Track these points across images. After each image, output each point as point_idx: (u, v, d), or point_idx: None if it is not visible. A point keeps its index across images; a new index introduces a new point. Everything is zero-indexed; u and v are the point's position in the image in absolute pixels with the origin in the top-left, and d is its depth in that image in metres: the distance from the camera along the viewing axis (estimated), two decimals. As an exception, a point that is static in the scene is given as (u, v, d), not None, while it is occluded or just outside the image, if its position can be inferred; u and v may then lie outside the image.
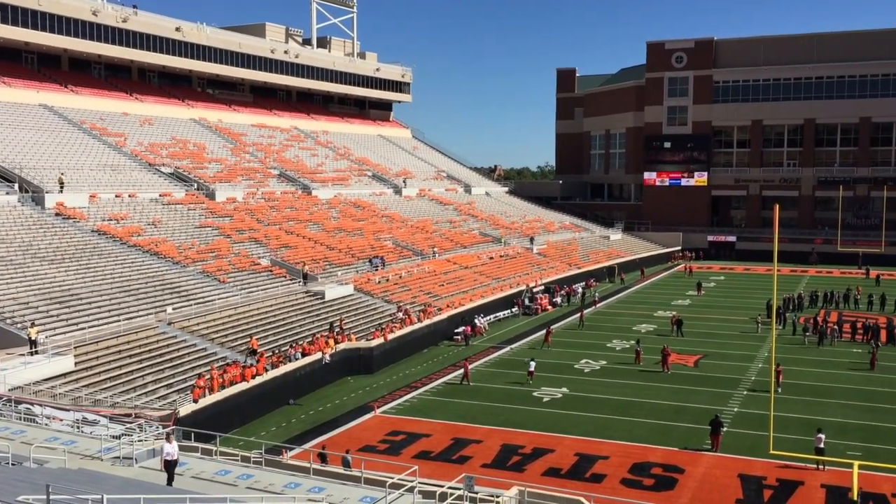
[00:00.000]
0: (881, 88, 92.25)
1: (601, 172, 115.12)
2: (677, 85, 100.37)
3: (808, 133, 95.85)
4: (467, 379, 38.24)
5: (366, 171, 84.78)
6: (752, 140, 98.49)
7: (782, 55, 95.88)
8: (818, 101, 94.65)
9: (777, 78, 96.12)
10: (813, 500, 24.50)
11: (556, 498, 19.42)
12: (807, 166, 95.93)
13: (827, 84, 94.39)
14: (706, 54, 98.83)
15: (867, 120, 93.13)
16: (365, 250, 59.44)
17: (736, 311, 58.13)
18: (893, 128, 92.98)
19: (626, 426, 31.66)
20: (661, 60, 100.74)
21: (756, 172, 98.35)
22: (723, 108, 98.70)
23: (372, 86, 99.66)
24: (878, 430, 31.05)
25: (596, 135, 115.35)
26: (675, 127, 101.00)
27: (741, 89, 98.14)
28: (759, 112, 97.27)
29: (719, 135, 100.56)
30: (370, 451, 28.47)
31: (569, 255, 78.03)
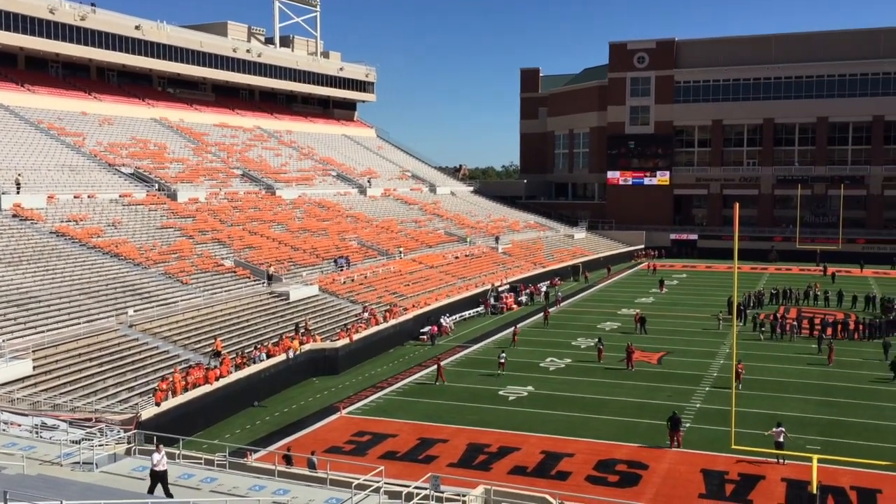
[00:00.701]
0: (837, 89, 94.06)
1: (565, 172, 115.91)
2: (639, 85, 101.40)
3: (767, 133, 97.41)
4: (441, 378, 38.19)
5: (330, 170, 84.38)
6: (713, 139, 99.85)
7: (742, 56, 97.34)
8: (777, 102, 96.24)
9: (737, 78, 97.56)
10: (774, 493, 24.90)
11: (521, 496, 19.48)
12: (766, 165, 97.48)
13: (785, 84, 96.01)
14: (667, 55, 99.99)
15: (824, 120, 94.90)
16: (330, 250, 59.16)
17: (698, 308, 58.87)
18: (850, 127, 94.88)
19: (592, 424, 31.90)
20: (624, 61, 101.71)
21: (717, 171, 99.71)
22: (684, 108, 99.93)
23: (336, 85, 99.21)
24: (837, 423, 31.67)
25: (560, 134, 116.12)
26: (637, 126, 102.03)
27: (702, 89, 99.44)
28: (719, 112, 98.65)
29: (681, 134, 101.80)
30: (336, 452, 28.35)
31: (534, 254, 78.42)
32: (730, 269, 77.66)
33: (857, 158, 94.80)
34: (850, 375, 39.37)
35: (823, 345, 44.28)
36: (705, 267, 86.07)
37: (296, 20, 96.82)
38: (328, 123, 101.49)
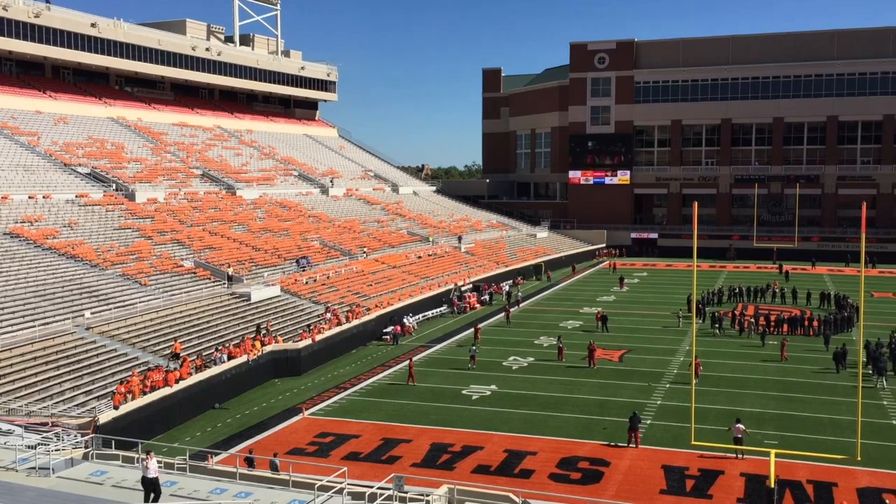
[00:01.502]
0: (793, 89, 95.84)
1: (527, 171, 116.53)
2: (600, 85, 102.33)
3: (724, 132, 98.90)
4: (412, 379, 38.04)
5: (292, 170, 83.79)
6: (672, 139, 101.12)
7: (700, 57, 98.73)
8: (734, 102, 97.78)
9: (695, 79, 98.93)
10: (733, 488, 25.28)
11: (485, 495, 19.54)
12: (724, 165, 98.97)
13: (742, 85, 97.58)
14: (627, 55, 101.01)
15: (780, 120, 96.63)
16: (291, 251, 58.74)
17: (658, 306, 59.55)
18: (805, 128, 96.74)
19: (554, 422, 32.09)
20: (584, 61, 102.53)
21: (676, 171, 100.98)
22: (644, 108, 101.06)
23: (297, 84, 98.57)
24: (793, 418, 32.25)
25: (522, 134, 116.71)
26: (598, 126, 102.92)
27: (661, 90, 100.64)
28: (678, 112, 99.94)
29: (641, 134, 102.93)
30: (299, 454, 28.17)
31: (496, 254, 78.69)
32: (689, 268, 78.75)
33: (812, 158, 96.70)
34: (805, 371, 40.12)
35: (768, 339, 45.74)
36: (665, 265, 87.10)
37: (256, 19, 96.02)
38: (289, 123, 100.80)
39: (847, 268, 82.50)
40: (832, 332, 47.24)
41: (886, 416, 32.36)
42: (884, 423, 31.48)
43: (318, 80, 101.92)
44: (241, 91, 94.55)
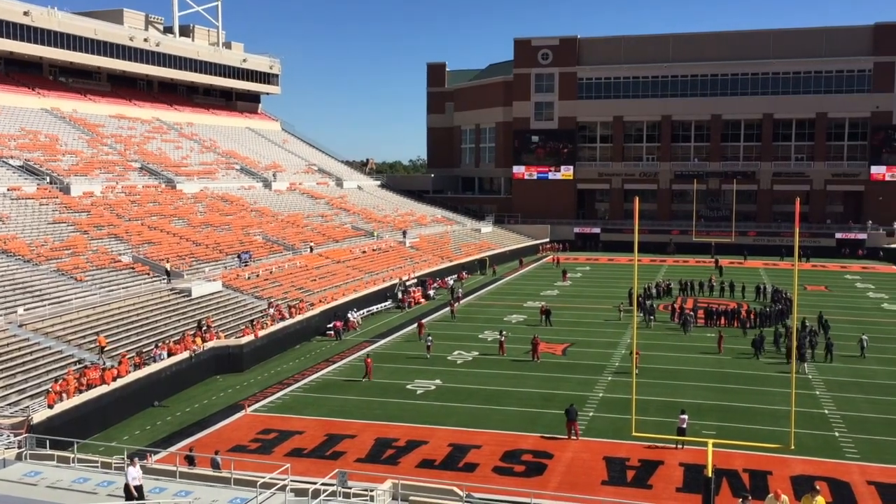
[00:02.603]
0: (730, 87, 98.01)
1: (472, 166, 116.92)
2: (543, 81, 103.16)
3: (665, 129, 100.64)
4: (369, 376, 37.73)
5: (233, 164, 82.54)
6: (615, 135, 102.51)
7: (641, 54, 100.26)
8: (674, 99, 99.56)
9: (636, 76, 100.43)
10: (672, 478, 25.79)
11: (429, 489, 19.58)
12: (664, 161, 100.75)
13: (682, 83, 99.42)
14: (570, 52, 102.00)
15: (718, 117, 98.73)
16: (233, 246, 57.91)
17: (601, 299, 60.34)
18: (742, 125, 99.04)
19: (498, 415, 32.30)
20: (528, 57, 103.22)
21: (618, 167, 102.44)
22: (587, 105, 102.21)
23: (239, 77, 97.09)
24: (730, 409, 33.03)
25: (466, 129, 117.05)
26: (542, 122, 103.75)
27: (603, 86, 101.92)
28: (620, 108, 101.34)
29: (584, 130, 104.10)
30: (241, 451, 27.82)
31: (441, 249, 78.78)
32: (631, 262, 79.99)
33: (748, 155, 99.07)
34: (742, 363, 41.12)
35: (706, 332, 47.32)
36: (608, 260, 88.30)
37: (196, 9, 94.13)
38: (231, 116, 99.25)
39: (781, 262, 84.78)
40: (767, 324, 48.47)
41: (819, 406, 33.37)
42: (816, 412, 32.46)
43: (260, 73, 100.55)
44: (181, 83, 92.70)
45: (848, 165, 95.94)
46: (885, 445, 28.56)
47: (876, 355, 42.51)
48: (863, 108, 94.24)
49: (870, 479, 25.48)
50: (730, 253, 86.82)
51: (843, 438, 29.29)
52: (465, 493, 19.38)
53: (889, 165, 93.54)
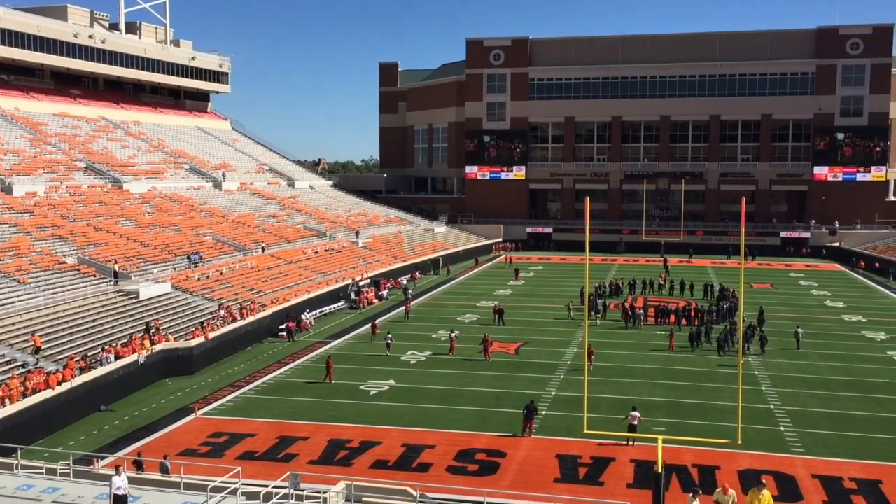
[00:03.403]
0: (678, 89, 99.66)
1: (425, 166, 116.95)
2: (496, 81, 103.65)
3: (615, 130, 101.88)
4: (329, 377, 37.33)
5: (182, 163, 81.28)
6: (566, 136, 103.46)
7: (591, 56, 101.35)
8: (624, 100, 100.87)
9: (587, 77, 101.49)
10: (623, 474, 26.12)
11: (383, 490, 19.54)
12: (615, 161, 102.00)
13: (631, 84, 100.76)
14: (522, 53, 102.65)
15: (667, 118, 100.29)
16: (183, 246, 57.02)
17: (553, 298, 60.82)
18: (690, 126, 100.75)
19: (452, 415, 32.35)
20: (480, 57, 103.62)
21: (569, 167, 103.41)
22: (538, 105, 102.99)
23: (187, 75, 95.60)
24: (680, 405, 33.58)
25: (419, 129, 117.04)
26: (494, 122, 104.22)
27: (555, 87, 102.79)
28: (571, 109, 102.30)
29: (536, 130, 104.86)
30: (191, 455, 27.40)
31: (394, 249, 78.63)
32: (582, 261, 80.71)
33: (696, 155, 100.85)
34: (691, 360, 41.84)
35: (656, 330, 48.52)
36: (560, 259, 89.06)
37: (143, 6, 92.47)
38: (180, 115, 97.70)
39: (729, 260, 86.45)
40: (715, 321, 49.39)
41: (765, 401, 34.11)
42: (762, 407, 33.17)
43: (209, 71, 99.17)
44: (128, 81, 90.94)
45: (792, 166, 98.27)
46: (829, 439, 29.31)
47: (819, 351, 43.65)
48: (806, 110, 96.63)
49: (814, 472, 26.12)
50: (678, 252, 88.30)
51: (788, 433, 29.98)
52: (419, 494, 19.38)
53: (831, 166, 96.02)
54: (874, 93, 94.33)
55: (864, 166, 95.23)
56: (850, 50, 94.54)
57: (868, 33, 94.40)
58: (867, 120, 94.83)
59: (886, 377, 38.19)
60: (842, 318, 53.79)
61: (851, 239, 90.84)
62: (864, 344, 45.93)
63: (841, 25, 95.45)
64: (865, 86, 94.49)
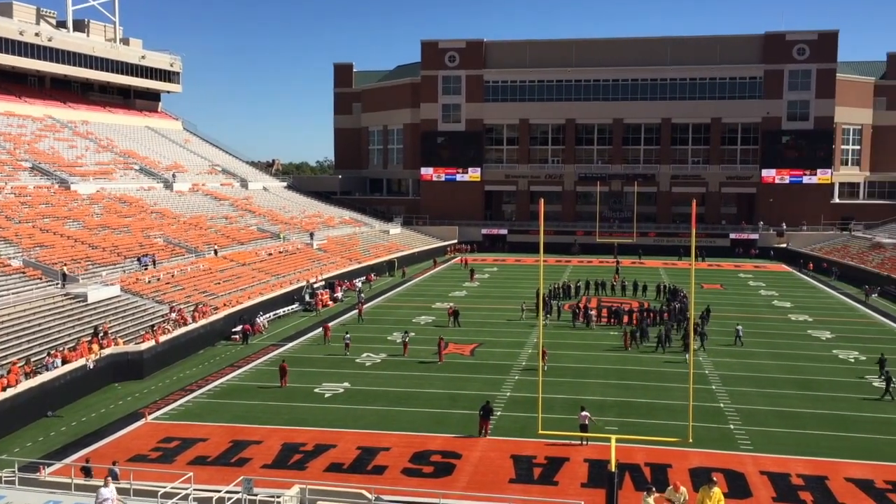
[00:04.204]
0: (631, 92, 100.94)
1: (380, 167, 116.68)
2: (451, 83, 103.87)
3: (569, 132, 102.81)
4: (284, 382, 36.84)
5: (132, 164, 79.87)
6: (521, 138, 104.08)
7: (546, 59, 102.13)
8: (577, 103, 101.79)
9: (541, 80, 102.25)
10: (577, 474, 26.35)
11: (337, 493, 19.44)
12: (569, 163, 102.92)
13: (584, 87, 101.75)
14: (477, 55, 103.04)
15: (619, 121, 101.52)
16: (133, 248, 56.03)
17: (508, 300, 61.10)
18: (642, 129, 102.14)
19: (407, 417, 32.30)
20: (435, 59, 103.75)
21: (524, 168, 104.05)
22: (493, 107, 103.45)
23: (137, 74, 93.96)
24: (632, 405, 34.00)
25: (374, 130, 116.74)
26: (449, 124, 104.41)
27: (509, 89, 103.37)
28: (525, 111, 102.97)
29: (491, 132, 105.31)
30: (141, 461, 26.92)
31: (349, 250, 78.27)
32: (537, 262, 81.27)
33: (648, 158, 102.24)
34: (643, 360, 42.40)
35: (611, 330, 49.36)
36: (514, 260, 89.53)
37: (91, 3, 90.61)
38: (129, 114, 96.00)
39: (680, 261, 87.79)
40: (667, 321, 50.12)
41: (715, 400, 34.70)
42: (713, 406, 33.74)
43: (160, 71, 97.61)
44: (76, 80, 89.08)
45: (741, 169, 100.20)
46: (777, 436, 29.93)
47: (767, 350, 44.58)
48: (754, 114, 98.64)
49: (762, 469, 26.65)
50: (632, 253, 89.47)
51: (737, 431, 30.55)
52: (374, 496, 19.33)
53: (778, 169, 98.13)
54: (819, 97, 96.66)
55: (810, 169, 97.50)
56: (797, 55, 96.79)
57: (814, 39, 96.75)
58: (813, 124, 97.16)
59: (832, 375, 39.15)
60: (789, 318, 55.01)
61: (798, 240, 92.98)
62: (810, 343, 47.03)
63: (788, 31, 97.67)
64: (811, 90, 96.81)
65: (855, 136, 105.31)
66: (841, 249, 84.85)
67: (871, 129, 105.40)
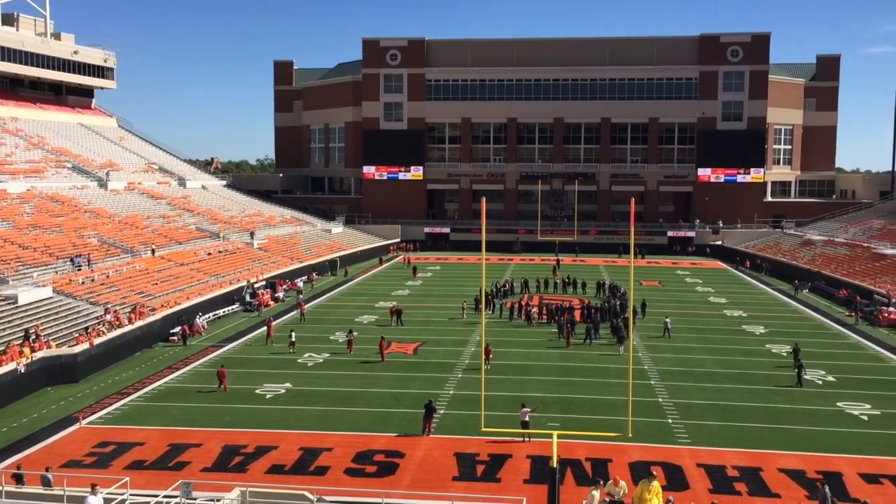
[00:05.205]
0: (571, 92, 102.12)
1: (321, 166, 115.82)
2: (392, 82, 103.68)
3: (510, 131, 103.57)
4: (223, 386, 36.13)
5: (65, 162, 77.69)
6: (463, 137, 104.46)
7: (487, 58, 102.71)
8: (518, 102, 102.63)
9: (483, 79, 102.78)
10: (519, 470, 26.55)
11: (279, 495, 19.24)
12: (510, 162, 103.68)
13: (525, 86, 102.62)
14: (419, 53, 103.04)
15: (560, 120, 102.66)
16: (66, 249, 54.51)
17: (451, 298, 61.24)
18: (582, 128, 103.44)
19: (349, 417, 32.12)
20: (377, 57, 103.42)
21: (466, 167, 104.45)
22: (435, 106, 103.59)
23: (69, 70, 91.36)
24: (573, 401, 34.39)
25: (315, 128, 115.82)
26: (391, 122, 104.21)
27: (451, 88, 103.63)
28: (467, 110, 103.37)
29: (433, 131, 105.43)
30: (75, 467, 26.21)
31: (291, 250, 77.48)
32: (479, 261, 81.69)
33: (588, 157, 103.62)
34: (584, 356, 42.94)
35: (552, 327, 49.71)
36: (457, 259, 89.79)
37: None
38: (61, 111, 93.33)
39: (620, 259, 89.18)
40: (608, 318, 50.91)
41: (654, 395, 35.34)
42: (651, 401, 34.36)
43: (93, 66, 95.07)
44: (4, 75, 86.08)
45: (678, 168, 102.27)
46: (713, 429, 30.63)
47: (704, 345, 45.59)
48: (690, 114, 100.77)
49: (699, 461, 27.23)
50: (569, 251, 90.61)
51: (675, 425, 31.16)
52: (317, 497, 19.18)
53: (714, 168, 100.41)
54: (753, 98, 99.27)
55: (743, 168, 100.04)
56: (731, 57, 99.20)
57: (747, 41, 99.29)
58: (746, 124, 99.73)
59: (765, 369, 40.23)
60: (725, 314, 56.35)
61: (733, 238, 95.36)
62: (745, 338, 48.26)
63: (722, 33, 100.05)
64: (745, 91, 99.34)
65: (786, 136, 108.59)
66: (773, 246, 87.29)
67: (802, 130, 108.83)
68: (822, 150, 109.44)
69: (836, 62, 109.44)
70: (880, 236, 77.85)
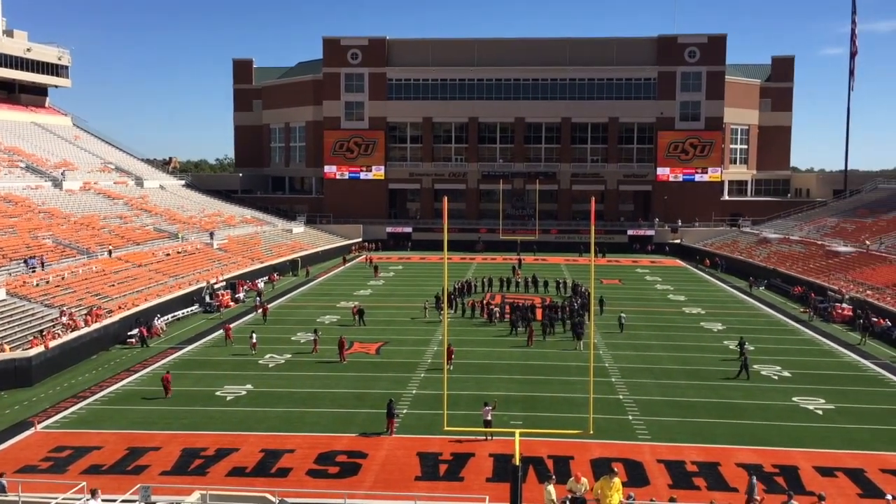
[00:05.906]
0: (532, 92, 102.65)
1: (282, 165, 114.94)
2: (353, 81, 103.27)
3: (472, 130, 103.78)
4: (168, 392, 35.52)
5: (17, 161, 76.05)
6: (424, 136, 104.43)
7: (448, 57, 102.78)
8: (480, 101, 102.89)
9: (444, 78, 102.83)
10: (482, 468, 26.64)
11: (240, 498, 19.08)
12: (472, 161, 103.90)
13: (487, 86, 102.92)
14: (379, 52, 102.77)
15: (521, 120, 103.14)
16: (19, 250, 53.38)
17: (414, 298, 61.19)
18: (543, 128, 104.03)
19: (311, 418, 31.95)
20: (338, 56, 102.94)
21: (428, 167, 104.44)
22: (397, 105, 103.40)
23: (22, 67, 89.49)
24: (536, 399, 34.61)
25: (275, 128, 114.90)
26: (352, 122, 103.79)
27: (412, 87, 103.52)
28: (429, 109, 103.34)
29: (394, 130, 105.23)
30: (31, 472, 25.71)
31: (251, 250, 76.78)
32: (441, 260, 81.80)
33: (549, 156, 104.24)
34: (546, 355, 43.21)
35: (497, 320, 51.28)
36: (419, 258, 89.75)
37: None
38: (14, 109, 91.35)
39: (581, 257, 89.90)
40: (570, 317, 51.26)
41: (614, 392, 35.71)
42: (612, 398, 34.71)
43: (47, 64, 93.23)
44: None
45: (637, 167, 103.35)
46: (671, 426, 31.05)
47: (663, 342, 46.17)
48: (649, 114, 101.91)
49: (659, 457, 27.59)
50: (528, 250, 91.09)
51: (635, 421, 31.52)
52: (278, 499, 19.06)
53: (672, 167, 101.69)
54: (710, 98, 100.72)
55: (701, 168, 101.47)
56: (688, 58, 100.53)
57: (704, 42, 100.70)
58: (704, 124, 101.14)
59: (722, 366, 40.86)
60: (683, 311, 57.12)
61: (691, 236, 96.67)
62: (702, 335, 48.98)
63: (679, 34, 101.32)
64: (702, 92, 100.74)
65: (742, 135, 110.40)
66: (730, 244, 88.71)
67: (758, 129, 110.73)
68: (778, 150, 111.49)
69: (791, 63, 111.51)
70: (833, 234, 79.56)
